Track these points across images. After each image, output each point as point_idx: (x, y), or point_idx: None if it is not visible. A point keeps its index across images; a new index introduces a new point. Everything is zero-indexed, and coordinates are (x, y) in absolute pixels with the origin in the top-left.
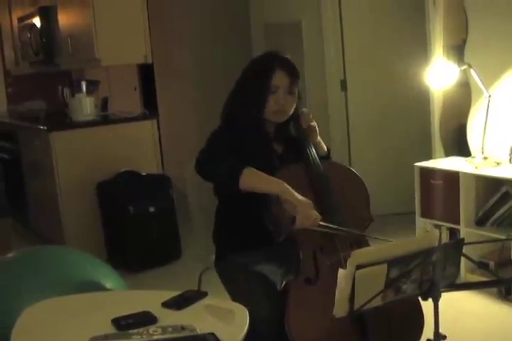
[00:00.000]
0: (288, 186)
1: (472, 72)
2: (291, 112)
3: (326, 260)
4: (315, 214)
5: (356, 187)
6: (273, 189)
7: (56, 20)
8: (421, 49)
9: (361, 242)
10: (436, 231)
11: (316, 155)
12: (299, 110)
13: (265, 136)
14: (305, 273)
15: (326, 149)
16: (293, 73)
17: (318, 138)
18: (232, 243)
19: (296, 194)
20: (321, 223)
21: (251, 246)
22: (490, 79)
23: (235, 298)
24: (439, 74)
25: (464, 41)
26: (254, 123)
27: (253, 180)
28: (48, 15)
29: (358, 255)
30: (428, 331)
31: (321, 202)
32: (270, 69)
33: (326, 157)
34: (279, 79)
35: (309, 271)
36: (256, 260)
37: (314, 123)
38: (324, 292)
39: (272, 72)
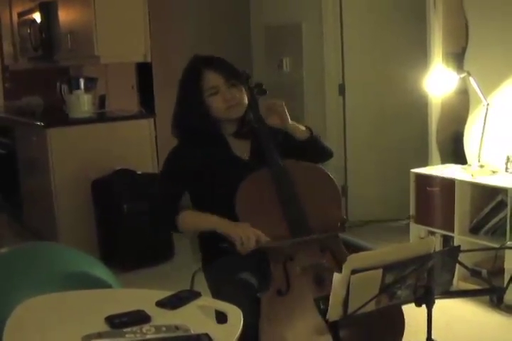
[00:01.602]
0: (217, 221)
1: (471, 79)
2: (244, 103)
3: (296, 269)
4: (254, 234)
5: (324, 186)
6: (206, 227)
7: (56, 16)
8: (420, 55)
9: (333, 247)
10: (433, 237)
11: (278, 158)
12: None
13: (222, 143)
14: (276, 284)
15: (304, 129)
16: (223, 68)
17: (291, 122)
18: (213, 251)
19: (227, 225)
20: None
21: (231, 255)
22: (488, 87)
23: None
24: (437, 81)
25: (464, 49)
26: (208, 129)
27: (188, 224)
28: (49, 10)
29: (354, 259)
30: (420, 337)
31: (288, 208)
32: (197, 73)
33: (309, 139)
34: (213, 78)
35: (280, 282)
36: (238, 266)
37: (282, 109)
38: (296, 303)
39: (200, 75)
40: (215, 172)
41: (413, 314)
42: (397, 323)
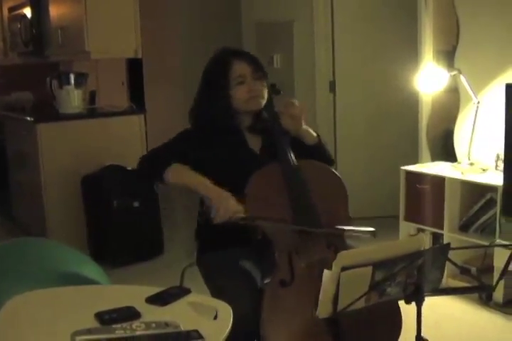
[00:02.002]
0: (205, 181)
1: (462, 78)
2: (265, 97)
3: (301, 262)
4: (233, 206)
5: (334, 187)
6: (189, 183)
7: (47, 12)
8: (411, 53)
9: (337, 242)
10: (423, 234)
11: (291, 155)
12: (277, 104)
13: (238, 134)
14: (280, 274)
15: (315, 135)
16: (252, 61)
17: (305, 126)
18: (212, 240)
19: (211, 187)
20: (251, 216)
21: (231, 244)
22: (479, 85)
23: (216, 293)
24: (428, 79)
25: (455, 47)
26: (226, 119)
27: (174, 174)
28: (39, 6)
29: (344, 256)
30: (409, 334)
31: (297, 203)
32: (228, 61)
33: (316, 145)
34: (241, 68)
35: (284, 272)
36: (237, 256)
37: (299, 113)
38: (299, 294)
39: (230, 64)
40: (227, 161)
41: (403, 311)
42: (395, 320)
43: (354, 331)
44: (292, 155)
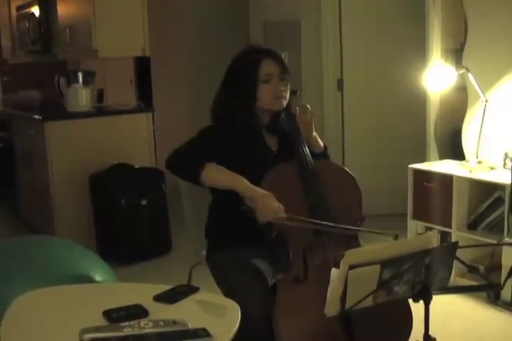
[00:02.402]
0: (244, 180)
1: (470, 76)
2: (288, 97)
3: (316, 259)
4: (275, 206)
5: (349, 187)
6: (229, 183)
7: (55, 10)
8: (419, 51)
9: (351, 242)
10: (431, 233)
11: (308, 154)
12: (293, 105)
13: (258, 132)
14: (294, 271)
15: (322, 145)
16: (281, 61)
17: (314, 133)
18: (224, 238)
19: (252, 188)
20: (290, 216)
21: (242, 242)
22: (487, 83)
23: (226, 291)
24: (436, 77)
25: (462, 45)
26: (248, 118)
27: (212, 175)
28: (47, 4)
29: (352, 255)
30: (417, 333)
31: (312, 202)
32: (258, 59)
33: (322, 154)
34: (270, 67)
35: (298, 269)
36: (249, 254)
37: (311, 119)
38: (312, 291)
39: (260, 62)
40: (246, 160)
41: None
42: (406, 320)
43: (366, 329)
44: (309, 154)
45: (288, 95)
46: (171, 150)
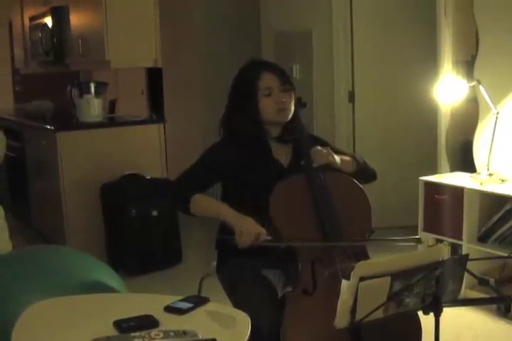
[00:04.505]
0: (227, 209)
1: (481, 88)
2: (292, 108)
3: (324, 272)
4: (254, 230)
5: (358, 199)
6: (212, 212)
7: (68, 21)
8: (430, 63)
9: (360, 254)
10: (442, 245)
11: (317, 168)
12: (307, 119)
13: (265, 146)
14: (303, 284)
15: (349, 159)
16: (280, 72)
17: (338, 160)
18: (233, 250)
19: (233, 214)
20: (276, 239)
21: (252, 253)
22: (498, 95)
23: (237, 303)
24: (447, 90)
25: (474, 57)
26: (256, 130)
27: (198, 207)
28: (60, 15)
29: (362, 267)
30: None
31: (321, 214)
32: (256, 72)
33: (356, 170)
34: (269, 80)
35: (307, 282)
36: (259, 265)
37: (329, 159)
38: (321, 303)
39: (258, 75)
40: (252, 172)
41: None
42: (415, 331)
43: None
44: (319, 167)
45: (292, 106)
46: (182, 161)
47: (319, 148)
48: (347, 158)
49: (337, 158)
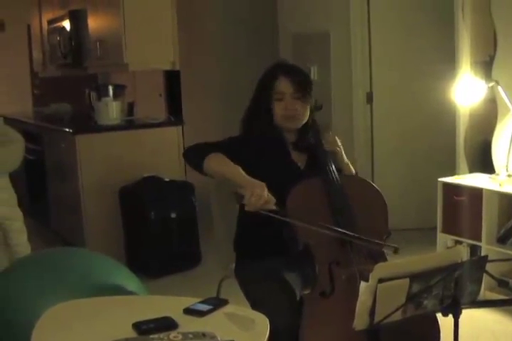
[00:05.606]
0: (239, 169)
1: (499, 88)
2: (303, 117)
3: (342, 274)
4: (264, 195)
5: (375, 201)
6: (225, 171)
7: (86, 24)
8: (449, 64)
9: (377, 256)
10: (461, 247)
11: (334, 170)
12: (321, 124)
13: (283, 147)
14: (320, 286)
15: (354, 172)
16: (298, 79)
17: (346, 160)
18: (252, 250)
19: (243, 175)
20: (282, 211)
21: (271, 254)
22: None
23: (255, 304)
24: (465, 90)
25: (492, 57)
26: (270, 132)
27: (211, 162)
28: (78, 18)
29: (381, 268)
30: None
31: (338, 217)
32: (273, 77)
33: None
34: (283, 85)
35: (325, 284)
36: (277, 266)
37: (338, 149)
38: (339, 305)
39: (274, 80)
40: (270, 171)
41: (440, 324)
42: (434, 332)
43: None
44: (335, 170)
45: (305, 114)
46: None
47: (335, 136)
48: (352, 169)
49: (344, 156)
